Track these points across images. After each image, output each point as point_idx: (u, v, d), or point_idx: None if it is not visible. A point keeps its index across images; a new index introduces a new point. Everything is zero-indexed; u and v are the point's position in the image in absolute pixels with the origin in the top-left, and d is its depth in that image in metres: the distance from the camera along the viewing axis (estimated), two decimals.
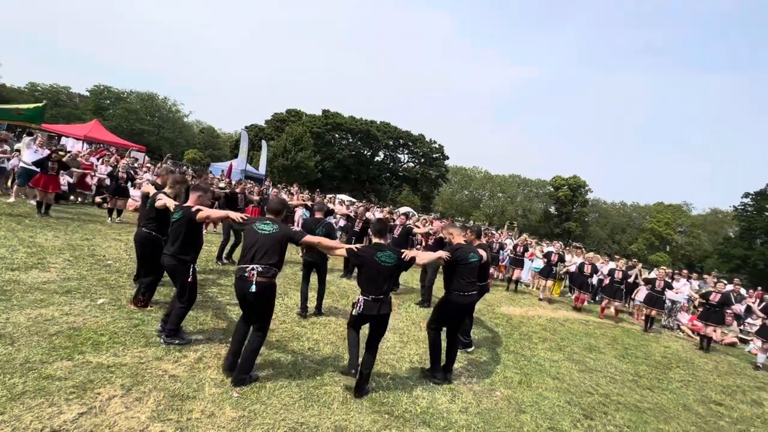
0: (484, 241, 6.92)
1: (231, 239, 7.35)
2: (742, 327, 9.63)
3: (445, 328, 4.10)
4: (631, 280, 9.42)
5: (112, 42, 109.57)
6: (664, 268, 10.46)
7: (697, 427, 4.16)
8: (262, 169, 27.40)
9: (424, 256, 3.94)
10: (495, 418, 3.48)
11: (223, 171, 20.56)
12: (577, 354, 5.96)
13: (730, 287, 8.83)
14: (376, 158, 51.87)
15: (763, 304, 8.20)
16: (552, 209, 59.72)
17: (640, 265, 10.86)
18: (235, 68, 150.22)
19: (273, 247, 3.19)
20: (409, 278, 8.44)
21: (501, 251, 11.32)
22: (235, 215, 3.51)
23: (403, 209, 23.88)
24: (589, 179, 56.99)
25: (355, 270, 4.22)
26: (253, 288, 3.07)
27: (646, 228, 55.52)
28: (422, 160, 51.17)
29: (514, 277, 10.50)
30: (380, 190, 49.68)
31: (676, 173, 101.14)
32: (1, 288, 4.11)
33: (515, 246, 10.90)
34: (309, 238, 3.49)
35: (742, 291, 10.84)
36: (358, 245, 3.57)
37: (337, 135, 48.65)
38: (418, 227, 9.62)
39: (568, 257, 11.22)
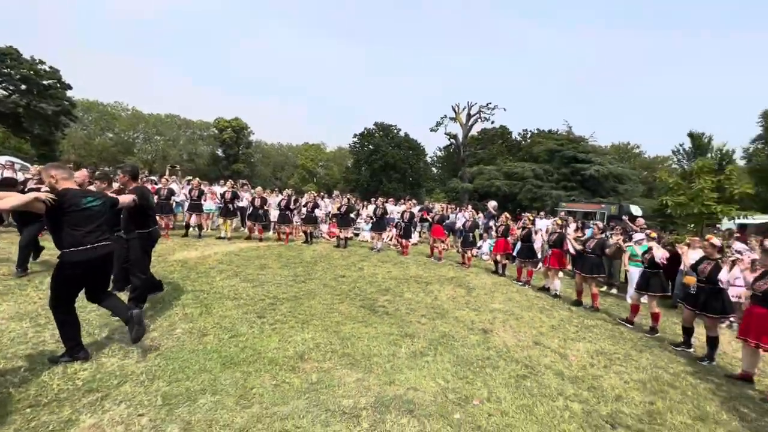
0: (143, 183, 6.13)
1: None
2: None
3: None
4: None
5: None
6: (312, 193, 13.36)
7: (332, 295, 6.03)
8: None
9: (9, 200, 2.91)
10: (178, 350, 3.58)
11: None
12: (251, 274, 6.84)
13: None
14: None
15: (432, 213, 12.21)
16: (219, 152, 59.48)
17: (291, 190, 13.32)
18: None
19: None
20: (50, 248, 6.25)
21: (172, 197, 10.55)
22: None
23: (3, 159, 16.25)
24: (249, 122, 60.05)
25: None
26: None
27: (299, 164, 66.91)
28: (23, 87, 35.43)
29: (193, 223, 10.53)
30: None
31: (316, 119, 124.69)
32: None
33: (190, 191, 10.71)
34: None
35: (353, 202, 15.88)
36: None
37: None
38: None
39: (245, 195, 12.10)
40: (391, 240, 12.65)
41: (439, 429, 2.77)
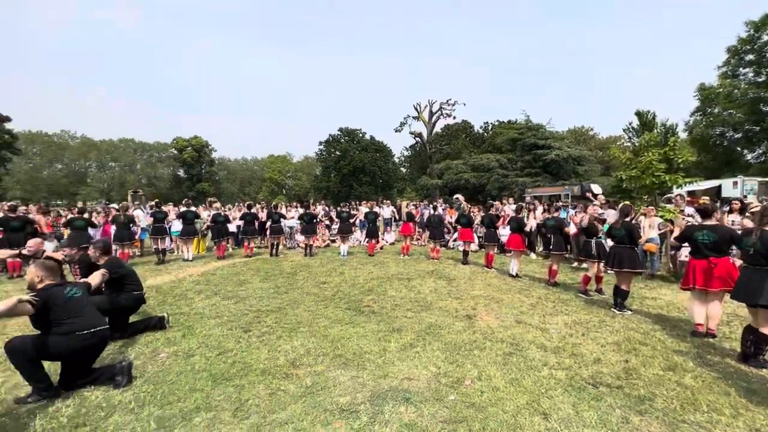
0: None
1: None
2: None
3: None
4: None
5: None
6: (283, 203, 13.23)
7: (315, 302, 6.03)
8: None
9: None
10: (165, 373, 3.50)
11: None
12: (231, 291, 6.72)
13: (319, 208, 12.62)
14: None
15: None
16: (181, 173, 57.44)
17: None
18: None
19: None
20: None
21: (131, 224, 10.06)
22: None
23: None
24: (210, 139, 58.38)
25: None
26: None
27: (266, 178, 65.68)
28: None
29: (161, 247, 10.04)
30: None
31: (277, 130, 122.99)
32: None
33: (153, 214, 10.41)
34: None
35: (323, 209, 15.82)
36: None
37: None
38: None
39: (205, 213, 11.74)
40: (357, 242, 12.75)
41: (435, 411, 2.87)
